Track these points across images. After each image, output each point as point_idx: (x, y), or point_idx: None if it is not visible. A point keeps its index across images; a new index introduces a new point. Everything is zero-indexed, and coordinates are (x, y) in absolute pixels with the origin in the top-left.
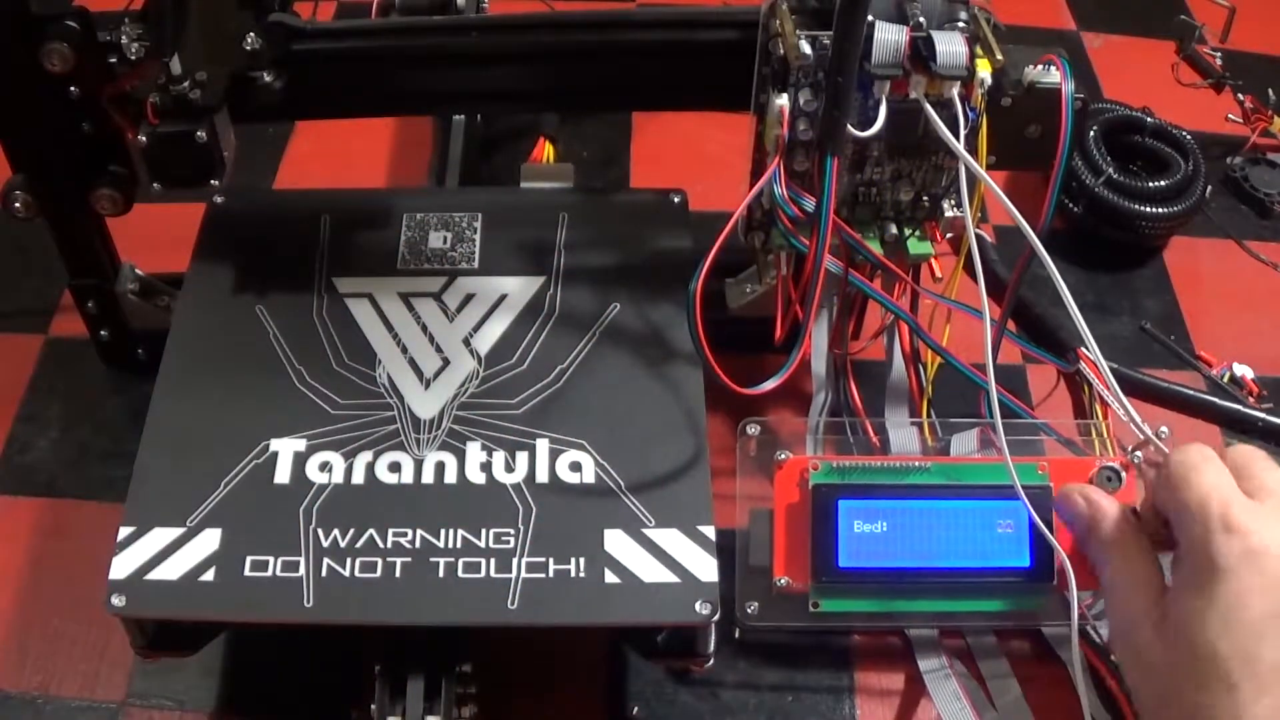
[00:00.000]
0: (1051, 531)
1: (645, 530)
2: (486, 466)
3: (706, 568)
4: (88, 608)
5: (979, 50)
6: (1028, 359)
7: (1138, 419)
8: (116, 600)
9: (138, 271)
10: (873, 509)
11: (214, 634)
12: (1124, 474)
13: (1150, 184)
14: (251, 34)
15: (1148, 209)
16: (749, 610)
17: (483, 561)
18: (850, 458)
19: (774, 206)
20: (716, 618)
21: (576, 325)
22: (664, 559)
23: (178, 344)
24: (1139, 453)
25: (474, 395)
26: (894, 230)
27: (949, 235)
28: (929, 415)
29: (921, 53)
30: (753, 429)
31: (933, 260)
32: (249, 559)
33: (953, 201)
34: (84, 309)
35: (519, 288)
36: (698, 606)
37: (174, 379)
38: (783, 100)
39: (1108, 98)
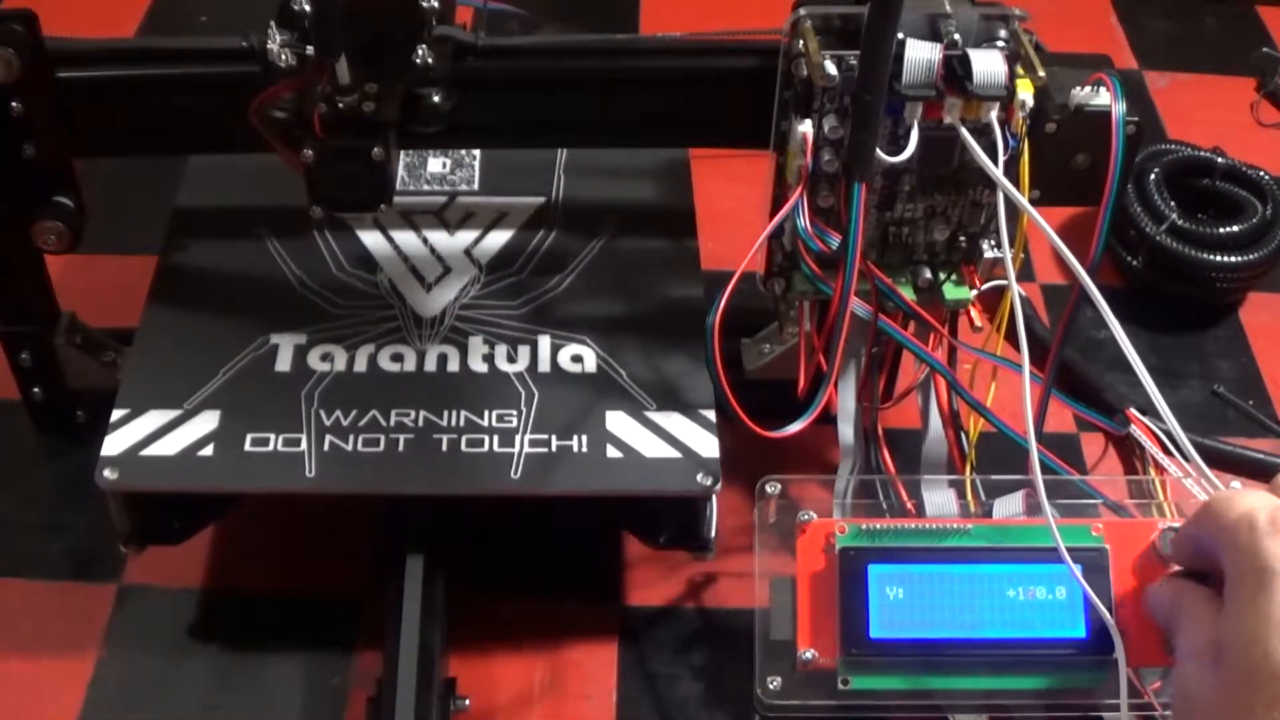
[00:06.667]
0: (1109, 600)
1: (647, 413)
2: (489, 358)
3: (708, 444)
4: (14, 697)
5: (1020, 69)
6: (1081, 425)
7: (1208, 472)
8: (109, 473)
9: (80, 321)
10: (907, 574)
11: (206, 520)
12: None
13: (1222, 230)
14: (423, 46)
15: (1219, 258)
16: (770, 686)
17: (485, 438)
18: (881, 520)
19: (797, 244)
20: (718, 488)
21: (578, 238)
22: (665, 437)
23: (172, 255)
24: None
25: (476, 298)
26: (928, 275)
27: (988, 284)
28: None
29: (957, 72)
30: (772, 488)
31: (972, 309)
32: (249, 435)
33: (992, 242)
34: (15, 362)
35: (519, 206)
36: (699, 477)
37: (169, 285)
38: (805, 127)
39: (1173, 138)
